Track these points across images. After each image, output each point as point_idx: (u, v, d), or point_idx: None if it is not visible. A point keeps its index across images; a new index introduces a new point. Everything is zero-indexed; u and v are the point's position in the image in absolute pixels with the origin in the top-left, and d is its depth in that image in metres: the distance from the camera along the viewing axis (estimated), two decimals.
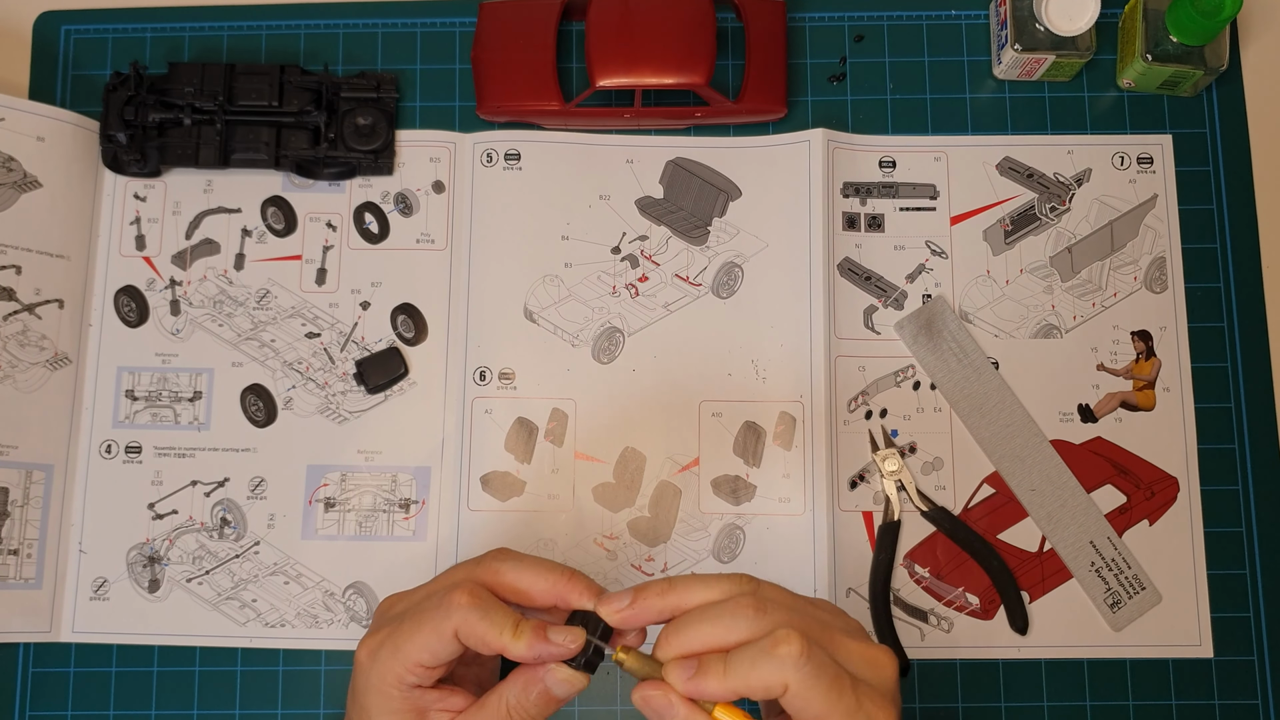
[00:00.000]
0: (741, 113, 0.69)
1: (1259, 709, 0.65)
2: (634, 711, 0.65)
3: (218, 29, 0.72)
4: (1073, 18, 0.66)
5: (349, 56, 0.72)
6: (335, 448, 0.67)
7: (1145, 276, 0.69)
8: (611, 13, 0.67)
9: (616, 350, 0.68)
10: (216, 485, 0.67)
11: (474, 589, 0.47)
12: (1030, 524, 0.66)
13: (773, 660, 0.44)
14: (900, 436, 0.67)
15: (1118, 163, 0.70)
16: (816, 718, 0.44)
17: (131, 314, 0.68)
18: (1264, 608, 0.66)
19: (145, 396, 0.68)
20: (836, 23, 0.72)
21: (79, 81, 0.71)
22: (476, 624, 0.46)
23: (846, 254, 0.69)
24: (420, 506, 0.66)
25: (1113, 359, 0.68)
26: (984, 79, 0.71)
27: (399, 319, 0.68)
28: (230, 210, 0.70)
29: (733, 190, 0.69)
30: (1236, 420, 0.67)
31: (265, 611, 0.65)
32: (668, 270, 0.69)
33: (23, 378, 0.65)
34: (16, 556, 0.64)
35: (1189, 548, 0.66)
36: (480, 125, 0.71)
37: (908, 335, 0.65)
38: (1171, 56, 0.67)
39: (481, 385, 0.67)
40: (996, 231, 0.69)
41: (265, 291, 0.69)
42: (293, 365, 0.68)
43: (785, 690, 0.44)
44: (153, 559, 0.66)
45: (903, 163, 0.70)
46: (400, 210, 0.69)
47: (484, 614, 0.46)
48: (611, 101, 0.69)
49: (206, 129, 0.68)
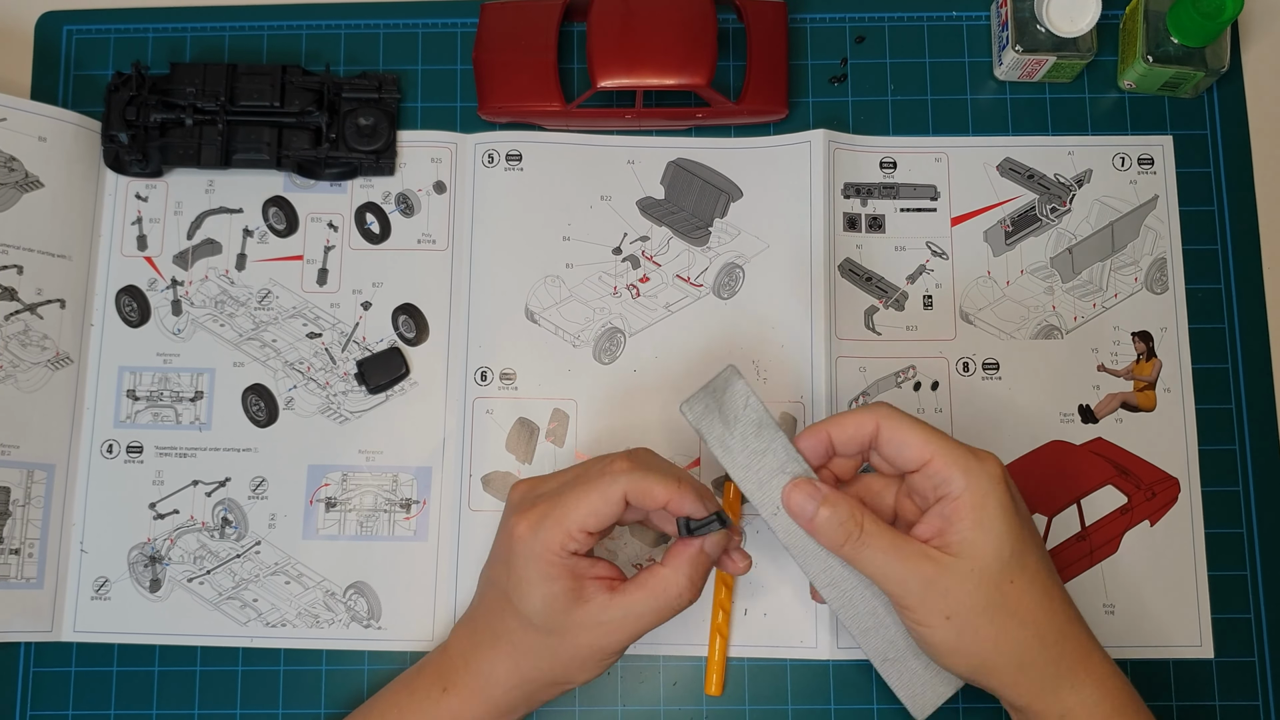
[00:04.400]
0: (743, 113, 0.69)
1: (1259, 710, 0.65)
2: (634, 712, 0.65)
3: (219, 29, 0.72)
4: (1074, 19, 0.66)
5: (350, 57, 0.72)
6: (336, 448, 0.67)
7: (1146, 277, 0.69)
8: (613, 14, 0.67)
9: (618, 351, 0.68)
10: (218, 485, 0.67)
11: (631, 456, 0.54)
12: None
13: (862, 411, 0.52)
14: None
15: (1118, 164, 0.70)
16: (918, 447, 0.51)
17: (133, 314, 0.69)
18: (1264, 608, 0.66)
19: (147, 396, 0.68)
20: (838, 24, 0.72)
21: (81, 82, 0.71)
22: (642, 481, 0.52)
23: (847, 255, 0.69)
24: (421, 506, 0.66)
25: (1113, 360, 0.68)
26: (985, 80, 0.71)
27: (400, 319, 0.68)
28: (232, 210, 0.70)
29: (734, 191, 0.69)
30: (1237, 421, 0.67)
31: (266, 611, 0.66)
32: (669, 271, 0.69)
33: (24, 377, 0.66)
34: (18, 556, 0.64)
35: (1190, 548, 0.66)
36: (481, 126, 0.71)
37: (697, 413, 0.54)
38: (1172, 58, 0.67)
39: (482, 385, 0.67)
40: (997, 232, 0.69)
41: (267, 291, 0.69)
42: (294, 365, 0.68)
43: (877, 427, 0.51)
44: (154, 559, 0.66)
45: (903, 163, 0.70)
46: (401, 210, 0.69)
47: (647, 473, 0.52)
48: (613, 102, 0.69)
49: (208, 129, 0.68)
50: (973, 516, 0.50)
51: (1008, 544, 0.50)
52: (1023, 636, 0.50)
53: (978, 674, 0.52)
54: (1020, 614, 0.50)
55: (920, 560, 0.50)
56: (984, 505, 0.50)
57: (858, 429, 0.52)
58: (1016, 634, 0.50)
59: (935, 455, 0.50)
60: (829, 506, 0.51)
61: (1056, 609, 0.51)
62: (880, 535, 0.51)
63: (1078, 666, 0.51)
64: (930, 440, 0.51)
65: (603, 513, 0.52)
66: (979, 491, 0.50)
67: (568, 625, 0.53)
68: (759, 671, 0.65)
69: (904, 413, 0.52)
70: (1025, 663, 0.51)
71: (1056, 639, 0.51)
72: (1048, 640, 0.51)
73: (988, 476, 0.50)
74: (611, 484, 0.52)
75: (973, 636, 0.50)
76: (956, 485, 0.50)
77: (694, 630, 0.65)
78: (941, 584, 0.50)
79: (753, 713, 0.65)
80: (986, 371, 0.68)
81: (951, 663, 0.52)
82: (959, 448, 0.51)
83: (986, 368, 0.68)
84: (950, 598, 0.50)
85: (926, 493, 0.52)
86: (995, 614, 0.50)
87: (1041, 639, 0.51)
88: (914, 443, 0.51)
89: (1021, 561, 0.50)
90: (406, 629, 0.65)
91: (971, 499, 0.50)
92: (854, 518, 0.51)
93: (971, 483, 0.50)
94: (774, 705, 0.64)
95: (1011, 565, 0.50)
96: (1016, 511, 0.51)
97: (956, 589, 0.50)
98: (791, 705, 0.65)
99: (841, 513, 0.51)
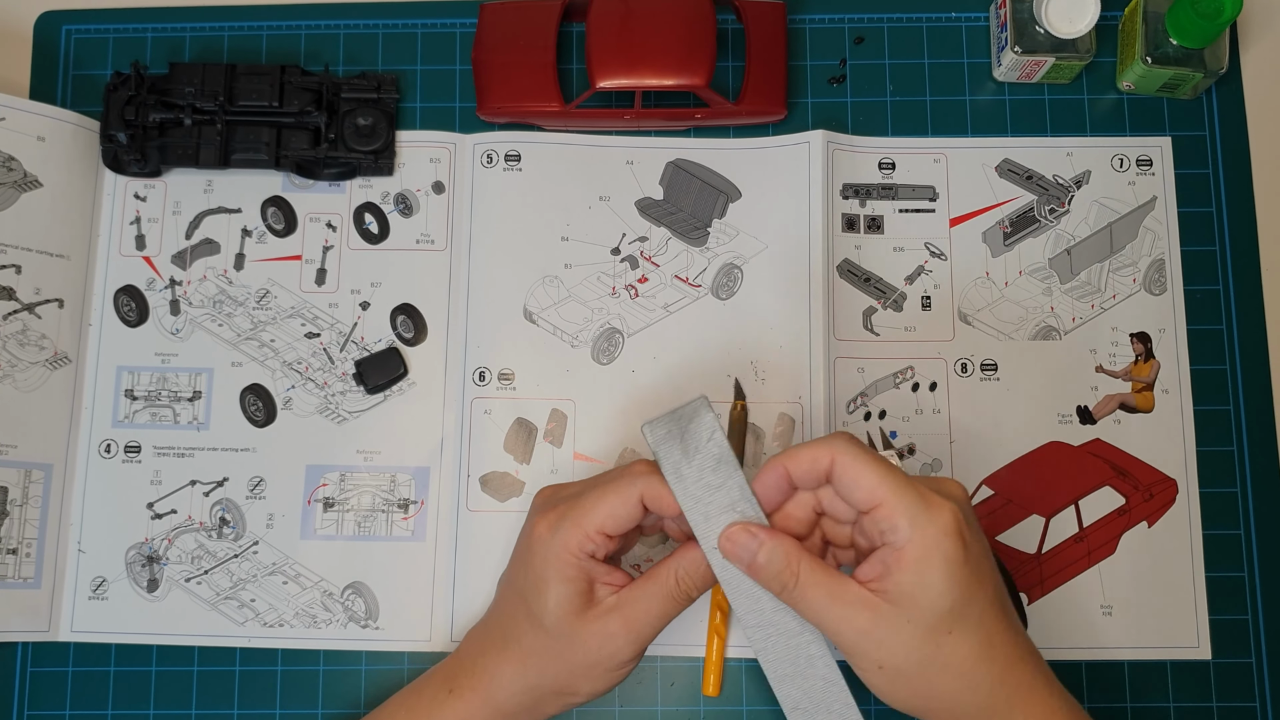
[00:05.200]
0: (741, 114, 0.69)
1: (1257, 711, 0.65)
2: (631, 712, 0.65)
3: (218, 29, 0.72)
4: (1073, 20, 0.66)
5: (349, 57, 0.72)
6: (334, 448, 0.67)
7: (1144, 278, 0.69)
8: (612, 14, 0.67)
9: (616, 351, 0.68)
10: (215, 485, 0.67)
11: (649, 462, 0.54)
12: (1029, 525, 0.66)
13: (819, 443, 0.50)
14: (899, 438, 0.67)
15: (1117, 165, 0.70)
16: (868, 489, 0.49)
17: (131, 314, 0.68)
18: (1262, 610, 0.66)
19: (145, 396, 0.68)
20: (836, 25, 0.72)
21: (80, 81, 0.71)
22: (660, 485, 0.52)
23: (846, 255, 0.69)
24: (419, 507, 0.66)
25: (1111, 361, 0.68)
26: (984, 81, 0.72)
27: (398, 319, 0.68)
28: (230, 210, 0.70)
29: (732, 191, 0.69)
30: (1235, 422, 0.67)
31: (264, 611, 0.65)
32: (667, 271, 0.69)
33: (22, 377, 0.65)
34: (15, 556, 0.64)
35: (1188, 550, 0.66)
36: (480, 126, 0.71)
37: (658, 436, 0.53)
38: (1171, 59, 0.67)
39: (481, 386, 0.67)
40: (996, 233, 0.69)
41: (265, 291, 0.69)
42: (292, 365, 0.68)
43: (831, 462, 0.49)
44: (151, 558, 0.66)
45: (902, 164, 0.70)
46: (400, 211, 0.69)
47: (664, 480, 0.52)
48: (612, 103, 0.69)
49: (207, 129, 0.68)
50: (914, 569, 0.48)
51: (948, 597, 0.48)
52: (956, 688, 0.50)
53: (917, 715, 0.51)
54: (954, 666, 0.49)
55: (857, 608, 0.49)
56: (927, 559, 0.48)
57: (813, 464, 0.50)
58: (949, 685, 0.50)
59: (885, 500, 0.48)
60: (766, 551, 0.50)
61: (996, 655, 0.50)
62: (817, 583, 0.50)
63: (1017, 707, 0.50)
64: (882, 483, 0.49)
65: (620, 514, 0.52)
66: (922, 545, 0.48)
67: (577, 629, 0.53)
68: (756, 672, 0.65)
69: (863, 448, 0.50)
70: (959, 712, 0.50)
71: (992, 686, 0.50)
72: (981, 690, 0.50)
73: (936, 528, 0.48)
74: (630, 486, 0.52)
75: (904, 686, 0.50)
76: (901, 535, 0.48)
77: (691, 631, 0.65)
78: (876, 634, 0.49)
79: (750, 713, 0.65)
80: (985, 372, 0.68)
81: (891, 704, 0.51)
82: (910, 494, 0.49)
83: (985, 368, 0.68)
84: (884, 648, 0.49)
85: (873, 535, 0.50)
86: (926, 668, 0.49)
87: (974, 689, 0.50)
88: (865, 484, 0.49)
89: (962, 612, 0.49)
90: (404, 629, 0.65)
91: (914, 552, 0.48)
92: (790, 564, 0.50)
93: (916, 535, 0.48)
94: (771, 706, 0.64)
95: (949, 617, 0.48)
96: (965, 562, 0.48)
97: (890, 640, 0.49)
98: None
99: (778, 559, 0.50)
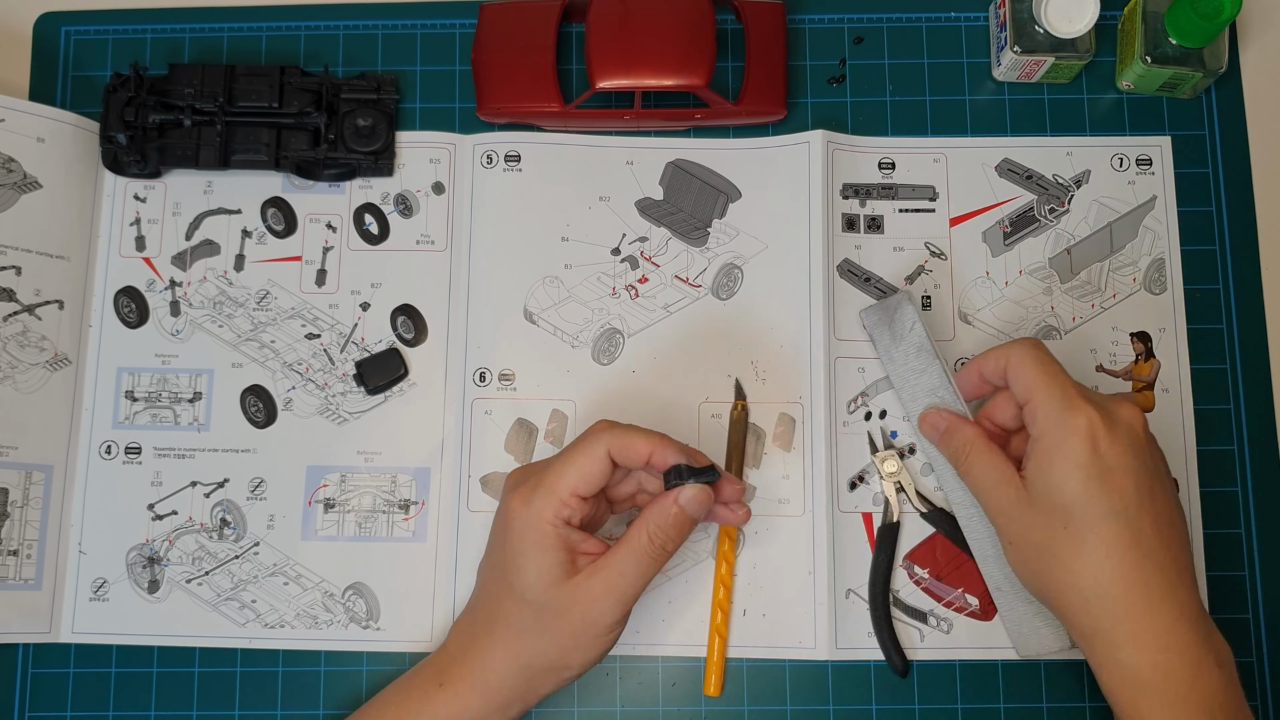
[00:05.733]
0: (741, 114, 0.69)
1: (1258, 710, 0.65)
2: (633, 712, 0.65)
3: (218, 30, 0.72)
4: (1072, 20, 0.66)
5: (349, 58, 0.72)
6: (335, 449, 0.67)
7: (1144, 278, 0.69)
8: (611, 14, 0.67)
9: (616, 351, 0.68)
10: (216, 486, 0.67)
11: (609, 420, 0.57)
12: None
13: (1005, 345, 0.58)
14: (900, 438, 0.67)
15: (1117, 164, 0.70)
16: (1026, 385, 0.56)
17: (131, 315, 0.68)
18: (1263, 609, 0.66)
19: (145, 397, 0.68)
20: (836, 25, 0.72)
21: (79, 82, 0.71)
22: (624, 436, 0.55)
23: (846, 255, 0.69)
24: (420, 507, 0.66)
25: (1112, 360, 0.68)
26: (983, 81, 0.72)
27: (399, 320, 0.68)
28: (230, 211, 0.70)
29: (732, 192, 0.69)
30: (1235, 422, 0.67)
31: (265, 612, 0.65)
32: (667, 271, 0.69)
33: (23, 378, 0.65)
34: (16, 557, 0.64)
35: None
36: (480, 127, 0.71)
37: (872, 320, 0.65)
38: (1171, 58, 0.67)
39: (481, 386, 0.67)
40: (996, 233, 0.69)
41: (265, 292, 0.69)
42: (292, 366, 0.68)
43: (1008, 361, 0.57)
44: (152, 560, 0.66)
45: (902, 164, 0.70)
46: (400, 211, 0.69)
47: (628, 430, 0.55)
48: (611, 103, 0.69)
49: (206, 130, 0.68)
50: (1041, 460, 0.55)
51: (1064, 494, 0.54)
52: (1066, 582, 0.55)
53: (1039, 597, 0.58)
54: (1065, 561, 0.54)
55: (1004, 487, 0.57)
56: (1052, 454, 0.54)
57: (996, 362, 0.58)
58: (1059, 577, 0.55)
59: (1034, 396, 0.55)
60: (949, 430, 0.60)
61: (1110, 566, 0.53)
62: (983, 462, 0.58)
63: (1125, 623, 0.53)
64: (1037, 381, 0.55)
65: (590, 471, 0.54)
66: (1052, 440, 0.54)
67: (560, 598, 0.54)
68: (758, 672, 0.65)
69: (1038, 351, 0.57)
70: (1067, 605, 0.55)
71: (1101, 594, 0.54)
72: (1087, 592, 0.54)
73: (1067, 429, 0.54)
74: (596, 444, 0.55)
75: (1023, 566, 0.57)
76: (1038, 428, 0.55)
77: (693, 631, 0.65)
78: (1010, 512, 0.56)
79: (751, 713, 0.65)
80: None
81: (1021, 580, 0.58)
82: (1057, 393, 0.55)
83: None
84: (1013, 526, 0.56)
85: (1030, 427, 0.56)
86: (1042, 553, 0.55)
87: (1079, 590, 0.54)
88: (1024, 381, 0.56)
89: (1081, 512, 0.54)
90: (405, 630, 0.65)
91: (1044, 445, 0.55)
92: (965, 443, 0.59)
93: (1050, 430, 0.54)
94: (773, 705, 0.65)
95: (1063, 513, 0.54)
96: (1089, 466, 0.53)
97: (1018, 519, 0.56)
98: (790, 706, 0.65)
99: (957, 438, 0.59)
